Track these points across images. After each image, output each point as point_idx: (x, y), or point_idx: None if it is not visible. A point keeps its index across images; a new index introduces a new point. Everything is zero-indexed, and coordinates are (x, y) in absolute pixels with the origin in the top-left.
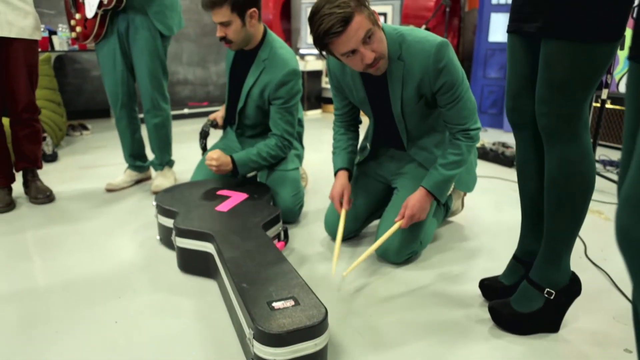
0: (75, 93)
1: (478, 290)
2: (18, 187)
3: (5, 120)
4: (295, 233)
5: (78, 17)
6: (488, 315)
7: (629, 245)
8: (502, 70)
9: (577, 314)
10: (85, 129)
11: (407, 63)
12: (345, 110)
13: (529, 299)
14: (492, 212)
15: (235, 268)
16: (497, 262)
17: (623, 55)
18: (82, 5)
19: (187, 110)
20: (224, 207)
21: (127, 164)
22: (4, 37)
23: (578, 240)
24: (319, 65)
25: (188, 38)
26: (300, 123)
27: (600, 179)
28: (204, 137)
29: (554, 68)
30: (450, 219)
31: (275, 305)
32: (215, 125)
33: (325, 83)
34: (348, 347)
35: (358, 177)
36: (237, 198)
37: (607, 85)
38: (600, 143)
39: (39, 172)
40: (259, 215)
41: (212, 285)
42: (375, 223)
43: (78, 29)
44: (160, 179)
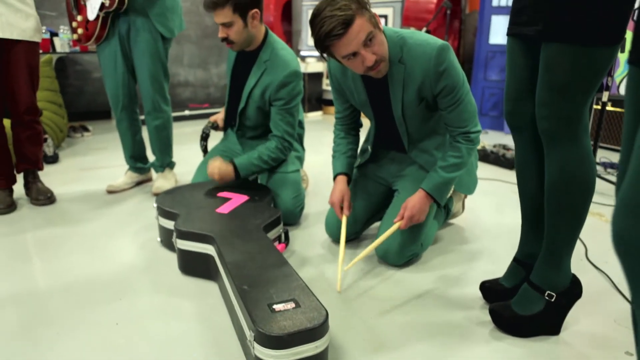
0: (76, 94)
1: (479, 293)
2: (19, 188)
3: (7, 122)
4: (296, 235)
5: (80, 19)
6: (489, 318)
7: (626, 249)
8: (502, 73)
9: (578, 317)
10: (86, 131)
11: (408, 66)
12: (346, 114)
13: (530, 302)
14: (492, 214)
15: (236, 270)
16: (497, 264)
17: (624, 58)
18: (83, 8)
19: (187, 112)
20: (225, 209)
21: (127, 166)
22: (5, 39)
23: (579, 243)
24: (320, 67)
25: (189, 40)
26: (301, 125)
27: (601, 181)
28: (205, 139)
29: (555, 71)
30: (451, 221)
31: (276, 308)
32: (216, 127)
33: (326, 85)
34: (349, 349)
35: (359, 179)
36: (237, 200)
37: (607, 88)
38: (601, 145)
39: (40, 173)
40: (260, 218)
41: (212, 288)
42: (376, 225)
43: (80, 31)
44: (161, 181)
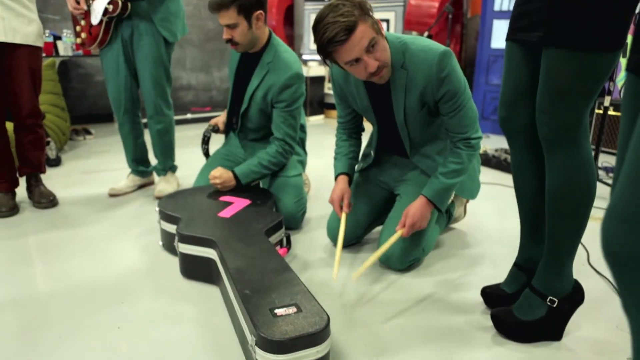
0: (79, 98)
1: (480, 297)
2: (21, 191)
3: (9, 125)
4: (298, 239)
5: (83, 23)
6: (490, 323)
7: (615, 259)
8: None
9: (579, 322)
10: (89, 134)
11: (410, 72)
12: (349, 118)
13: (532, 307)
14: (494, 218)
15: (238, 274)
16: (499, 269)
17: (625, 62)
18: (87, 12)
19: (190, 116)
20: (227, 213)
21: (130, 169)
22: (8, 43)
23: (580, 248)
24: (322, 71)
25: (191, 43)
26: (303, 129)
27: (602, 186)
28: (206, 142)
29: (556, 77)
30: (453, 226)
31: (278, 312)
32: (217, 130)
33: (328, 89)
34: (350, 354)
35: (361, 183)
36: (239, 204)
37: (609, 93)
38: (603, 150)
39: (43, 176)
40: (262, 222)
41: (214, 291)
42: (377, 229)
43: (83, 35)
44: (163, 184)
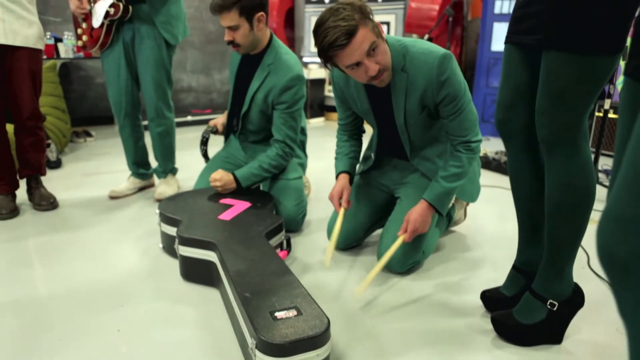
0: (80, 100)
1: (480, 301)
2: (22, 193)
3: (10, 127)
4: (298, 242)
5: (85, 26)
6: (490, 326)
7: (610, 263)
8: None
9: (580, 326)
10: (89, 136)
11: (410, 75)
12: (349, 121)
13: (532, 310)
14: (494, 221)
15: (238, 277)
16: (499, 271)
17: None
18: (88, 15)
19: (190, 118)
20: (227, 215)
21: (130, 172)
22: (9, 45)
23: (580, 251)
24: (322, 73)
25: (192, 46)
26: (303, 132)
27: (602, 189)
28: (204, 143)
29: (556, 79)
30: (453, 229)
31: (278, 315)
32: (215, 132)
33: (328, 91)
34: (350, 357)
35: (361, 186)
36: (240, 207)
37: (609, 95)
38: (603, 153)
39: (43, 178)
40: (262, 224)
41: (214, 294)
42: (378, 232)
43: (85, 38)
44: (164, 187)
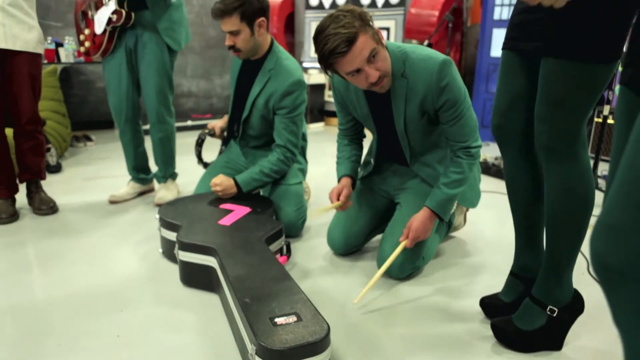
0: (80, 104)
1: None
2: (22, 198)
3: (9, 131)
4: (298, 247)
5: (87, 32)
6: (490, 332)
7: (605, 269)
8: None
9: (579, 332)
10: (89, 140)
11: (410, 80)
12: (349, 126)
13: (532, 317)
14: (494, 227)
15: (238, 283)
16: (499, 277)
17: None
18: (91, 22)
19: (190, 122)
20: (227, 220)
21: (130, 176)
22: (9, 49)
23: (580, 257)
24: (322, 79)
25: (193, 51)
26: (304, 137)
27: (602, 195)
28: (199, 144)
29: (554, 87)
30: (453, 234)
31: (278, 321)
32: (213, 134)
33: (328, 96)
34: None
35: (362, 191)
36: (240, 212)
37: (608, 102)
38: (602, 158)
39: (43, 183)
40: (262, 230)
41: (214, 300)
42: (377, 238)
43: (87, 44)
44: (164, 191)
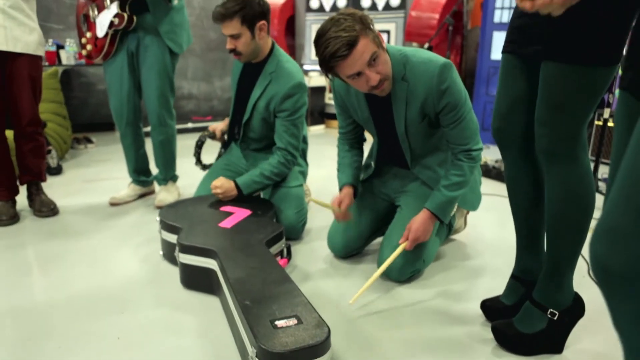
0: (81, 106)
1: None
2: (22, 199)
3: (9, 133)
4: (298, 250)
5: (89, 35)
6: (491, 335)
7: (606, 275)
8: None
9: (580, 335)
10: (90, 142)
11: (411, 84)
12: (350, 129)
13: (532, 320)
14: (495, 229)
15: (238, 285)
16: (500, 280)
17: None
18: (93, 25)
19: (191, 125)
20: (228, 223)
21: (130, 178)
22: (9, 51)
23: (581, 260)
24: (323, 81)
25: (193, 53)
26: (305, 140)
27: (602, 197)
28: (199, 146)
29: (555, 90)
30: (453, 237)
31: (278, 324)
32: (212, 137)
33: (329, 99)
34: None
35: (363, 194)
36: (240, 214)
37: (609, 105)
38: (603, 161)
39: (43, 185)
40: (263, 232)
41: (214, 302)
42: (378, 240)
43: (89, 47)
44: (164, 194)
